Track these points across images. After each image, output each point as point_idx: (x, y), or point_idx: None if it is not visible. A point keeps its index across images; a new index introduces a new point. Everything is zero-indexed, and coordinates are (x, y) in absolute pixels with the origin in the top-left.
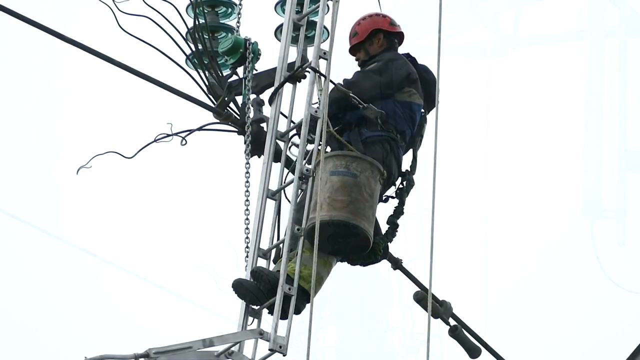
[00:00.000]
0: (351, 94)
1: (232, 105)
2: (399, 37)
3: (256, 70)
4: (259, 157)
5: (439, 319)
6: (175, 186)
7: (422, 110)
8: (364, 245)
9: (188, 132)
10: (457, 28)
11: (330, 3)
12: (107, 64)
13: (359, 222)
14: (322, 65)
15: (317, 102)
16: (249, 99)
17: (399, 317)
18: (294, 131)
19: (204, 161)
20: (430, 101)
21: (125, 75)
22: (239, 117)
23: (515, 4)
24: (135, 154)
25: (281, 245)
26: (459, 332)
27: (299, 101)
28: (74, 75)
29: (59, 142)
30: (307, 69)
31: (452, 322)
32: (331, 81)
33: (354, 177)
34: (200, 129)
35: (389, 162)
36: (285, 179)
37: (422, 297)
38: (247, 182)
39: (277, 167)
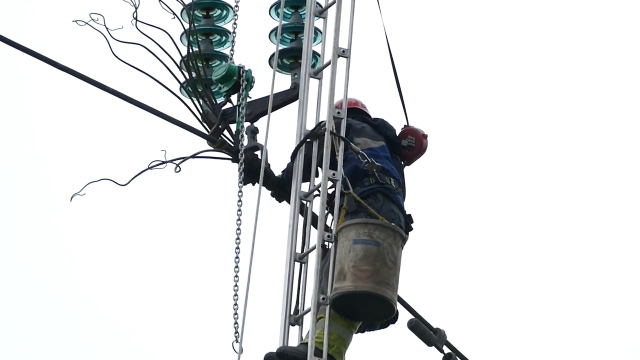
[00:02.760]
0: (360, 151)
1: (226, 132)
2: (353, 112)
3: (250, 97)
4: (253, 184)
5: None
6: (169, 214)
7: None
8: (388, 313)
9: (182, 160)
10: None
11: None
12: (101, 91)
13: (384, 292)
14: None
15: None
16: (242, 126)
17: None
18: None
19: (197, 189)
20: (397, 150)
21: (119, 102)
22: (233, 145)
23: None
24: (129, 182)
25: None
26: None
27: None
28: (66, 103)
29: (51, 170)
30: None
31: (447, 349)
32: (346, 141)
33: (377, 245)
34: (194, 156)
35: (386, 211)
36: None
37: (416, 324)
38: (239, 210)
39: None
